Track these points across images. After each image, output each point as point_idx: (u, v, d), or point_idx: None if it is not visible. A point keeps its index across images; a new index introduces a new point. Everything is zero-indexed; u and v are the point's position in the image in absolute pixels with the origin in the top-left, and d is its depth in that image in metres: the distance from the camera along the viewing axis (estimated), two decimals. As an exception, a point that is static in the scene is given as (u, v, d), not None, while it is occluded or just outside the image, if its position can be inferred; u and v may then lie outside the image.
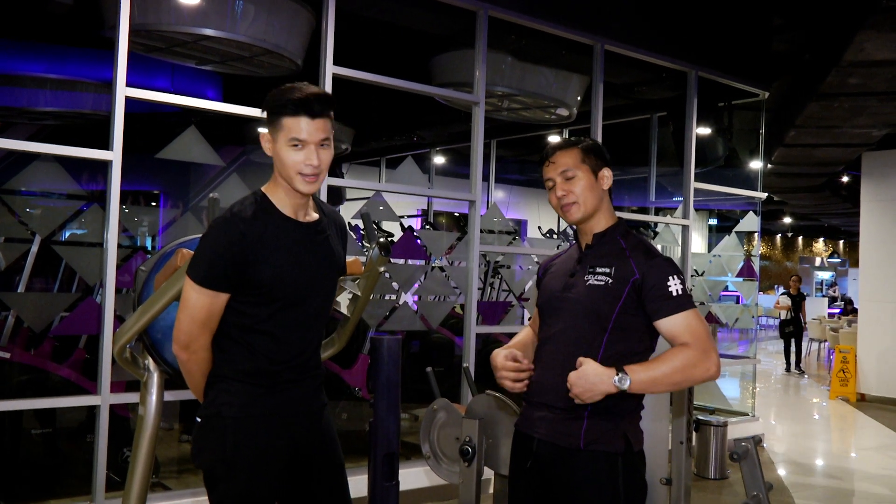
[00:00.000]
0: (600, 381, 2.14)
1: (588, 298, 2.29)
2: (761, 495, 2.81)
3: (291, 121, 2.14)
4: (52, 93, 6.93)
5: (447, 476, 3.07)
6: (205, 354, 2.25)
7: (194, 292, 2.18)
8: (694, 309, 2.24)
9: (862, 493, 6.21)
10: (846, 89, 7.08)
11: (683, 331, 2.21)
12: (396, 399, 2.99)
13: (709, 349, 2.19)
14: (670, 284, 2.23)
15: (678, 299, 2.22)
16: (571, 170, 2.35)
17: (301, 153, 2.16)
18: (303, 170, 2.17)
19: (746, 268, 8.19)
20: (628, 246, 2.34)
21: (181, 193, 9.58)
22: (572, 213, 2.36)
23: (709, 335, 2.23)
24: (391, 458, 2.94)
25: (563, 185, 2.36)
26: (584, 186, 2.34)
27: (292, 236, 2.24)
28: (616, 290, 2.26)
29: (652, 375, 2.16)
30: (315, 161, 2.16)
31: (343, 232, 2.48)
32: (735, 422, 7.25)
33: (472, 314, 5.47)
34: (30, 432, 5.06)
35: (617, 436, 2.26)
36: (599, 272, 2.30)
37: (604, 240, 2.38)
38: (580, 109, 7.22)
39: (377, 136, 10.46)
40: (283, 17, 5.29)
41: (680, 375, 2.17)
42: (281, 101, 2.16)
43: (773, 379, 13.12)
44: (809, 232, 30.05)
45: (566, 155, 2.37)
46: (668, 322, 2.22)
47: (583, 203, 2.35)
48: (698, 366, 2.17)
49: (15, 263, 4.84)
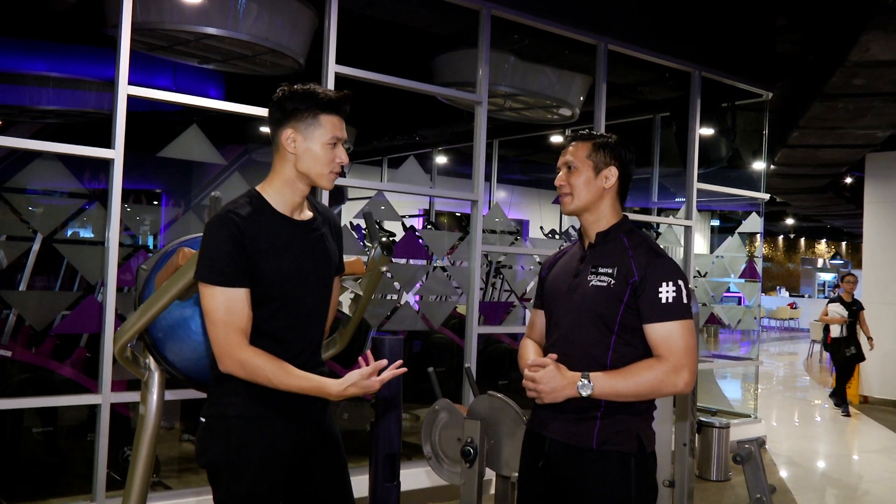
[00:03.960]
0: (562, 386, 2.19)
1: (592, 300, 2.27)
2: (764, 498, 2.80)
3: (332, 119, 2.23)
4: (55, 91, 6.93)
5: (448, 477, 3.06)
6: (258, 360, 2.12)
7: (208, 295, 2.15)
8: (682, 320, 2.20)
9: (865, 496, 6.19)
10: (850, 90, 7.05)
11: (663, 342, 2.19)
12: (398, 400, 2.98)
13: (680, 367, 2.17)
14: (662, 290, 2.20)
15: (667, 307, 2.19)
16: (574, 163, 2.37)
17: (336, 151, 2.24)
18: (335, 168, 2.24)
19: (749, 269, 8.18)
20: (631, 245, 2.32)
21: (183, 192, 9.58)
22: (565, 204, 2.40)
23: (688, 351, 2.19)
24: (392, 458, 2.94)
25: (564, 175, 2.39)
26: (581, 180, 2.36)
27: (287, 234, 2.24)
28: (618, 292, 2.24)
29: (615, 387, 2.18)
30: (346, 159, 2.25)
31: (338, 230, 2.48)
32: (737, 423, 7.24)
33: (473, 314, 5.46)
34: (31, 431, 5.06)
35: (630, 436, 2.25)
36: (602, 272, 2.28)
37: (607, 238, 2.36)
38: (583, 109, 7.21)
39: (379, 136, 10.46)
40: (285, 15, 5.28)
41: (645, 389, 2.19)
42: (319, 98, 2.21)
43: (776, 380, 13.10)
44: (812, 233, 30.02)
45: (577, 147, 2.40)
46: (651, 329, 2.21)
47: (576, 196, 2.36)
48: (665, 382, 2.18)
49: (16, 262, 4.84)
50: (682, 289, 2.21)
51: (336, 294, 2.52)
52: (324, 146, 2.21)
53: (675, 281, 2.22)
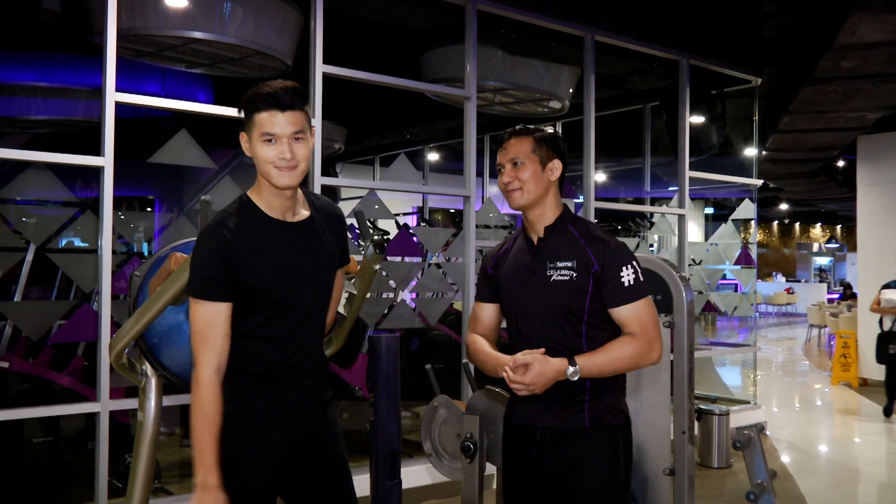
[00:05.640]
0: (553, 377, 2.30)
1: (558, 295, 2.38)
2: (766, 483, 2.80)
3: (262, 116, 2.15)
4: (43, 101, 6.91)
5: (449, 473, 3.06)
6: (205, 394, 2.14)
7: (193, 306, 2.18)
8: (644, 298, 2.37)
9: (866, 478, 6.21)
10: (839, 73, 7.06)
11: (633, 321, 2.36)
12: (396, 397, 2.97)
13: (654, 339, 2.36)
14: (623, 275, 2.35)
15: (630, 289, 2.35)
16: (520, 158, 2.43)
17: (273, 148, 2.16)
18: (277, 164, 2.16)
19: (744, 255, 8.19)
20: (581, 234, 2.43)
21: (175, 197, 9.56)
22: (515, 199, 2.45)
23: (656, 325, 2.39)
24: (393, 456, 2.93)
25: (511, 171, 2.44)
26: (529, 175, 2.42)
27: (278, 239, 2.24)
28: (582, 283, 2.36)
29: (599, 366, 2.33)
30: (288, 154, 2.15)
31: (339, 223, 2.46)
32: (737, 410, 7.25)
33: (469, 310, 5.45)
34: (31, 441, 5.05)
35: (617, 411, 2.43)
36: (561, 266, 2.39)
37: (555, 231, 2.46)
38: (572, 101, 7.21)
39: (370, 135, 10.44)
40: (271, 17, 5.28)
41: (625, 365, 2.36)
42: (251, 98, 2.17)
43: (774, 366, 13.13)
44: (806, 218, 30.08)
45: (519, 143, 2.46)
46: (619, 311, 2.36)
47: (526, 191, 2.43)
48: (643, 356, 2.36)
49: (10, 272, 4.83)
50: (637, 269, 2.38)
51: (339, 287, 2.52)
52: (259, 145, 2.17)
53: (631, 263, 2.38)
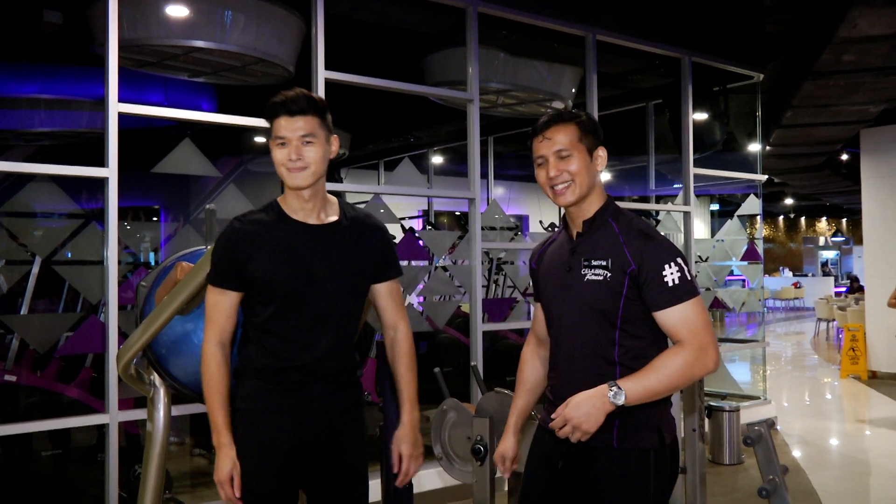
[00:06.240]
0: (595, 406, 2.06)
1: (590, 297, 2.17)
2: (777, 479, 2.79)
3: (277, 122, 2.31)
4: (47, 113, 6.93)
5: (460, 476, 3.06)
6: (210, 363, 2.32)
7: (207, 291, 2.36)
8: (693, 299, 2.11)
9: (878, 470, 6.18)
10: (841, 67, 7.03)
11: (681, 326, 2.09)
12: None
13: (706, 345, 2.08)
14: (666, 274, 2.09)
15: (675, 290, 2.09)
16: (567, 149, 2.19)
17: (283, 150, 2.30)
18: (288, 165, 2.29)
19: (750, 251, 8.17)
20: (622, 230, 2.19)
21: (181, 207, 9.58)
22: (566, 196, 2.21)
23: (707, 328, 2.11)
24: (403, 461, 2.92)
25: (558, 164, 2.20)
26: (579, 167, 2.19)
27: (293, 237, 2.32)
28: (616, 284, 2.14)
29: (647, 385, 2.07)
30: (294, 156, 2.28)
31: (375, 236, 2.48)
32: (747, 406, 7.22)
33: (477, 312, 5.45)
34: (41, 454, 5.05)
35: (650, 430, 2.17)
36: (596, 265, 2.17)
37: (594, 226, 2.23)
38: (575, 101, 7.20)
39: (374, 139, 10.45)
40: (272, 24, 5.28)
41: (679, 379, 2.08)
42: (268, 107, 2.33)
43: (784, 361, 13.09)
44: (812, 212, 29.97)
45: (563, 131, 2.20)
46: (664, 315, 2.11)
47: (578, 185, 2.19)
48: (696, 365, 2.08)
49: (16, 285, 4.83)
50: (683, 267, 2.12)
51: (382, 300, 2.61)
52: (275, 149, 2.32)
53: (675, 261, 2.11)
